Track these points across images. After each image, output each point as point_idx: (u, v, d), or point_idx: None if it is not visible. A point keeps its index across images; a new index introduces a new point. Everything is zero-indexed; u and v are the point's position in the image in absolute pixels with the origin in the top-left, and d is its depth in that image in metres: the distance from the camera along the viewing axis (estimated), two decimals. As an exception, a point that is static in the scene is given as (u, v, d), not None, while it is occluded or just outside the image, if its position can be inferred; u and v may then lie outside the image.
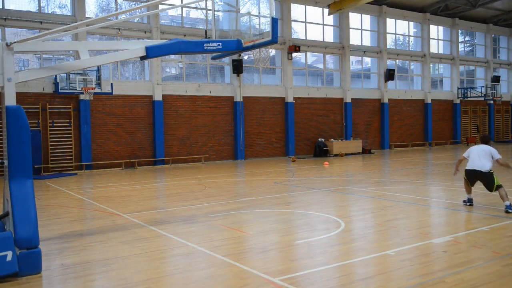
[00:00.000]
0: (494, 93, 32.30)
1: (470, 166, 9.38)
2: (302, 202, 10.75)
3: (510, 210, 8.82)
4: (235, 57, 22.43)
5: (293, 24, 25.65)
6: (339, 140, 26.04)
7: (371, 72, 29.82)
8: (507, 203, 8.89)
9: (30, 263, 5.74)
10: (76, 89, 18.09)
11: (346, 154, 25.50)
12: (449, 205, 10.00)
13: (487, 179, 9.14)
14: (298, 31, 26.41)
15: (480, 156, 9.24)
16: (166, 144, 21.54)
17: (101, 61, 7.71)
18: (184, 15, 23.86)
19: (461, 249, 6.53)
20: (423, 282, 5.22)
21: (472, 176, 9.38)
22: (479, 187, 9.92)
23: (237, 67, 22.84)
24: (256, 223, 8.54)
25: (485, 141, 9.61)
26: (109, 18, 16.36)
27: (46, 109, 18.69)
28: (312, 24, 26.51)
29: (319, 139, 25.73)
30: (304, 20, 26.19)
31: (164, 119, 21.45)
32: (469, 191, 9.66)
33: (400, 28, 30.99)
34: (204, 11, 23.32)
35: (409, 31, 31.60)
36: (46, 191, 13.70)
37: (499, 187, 9.00)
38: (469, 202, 9.71)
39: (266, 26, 8.31)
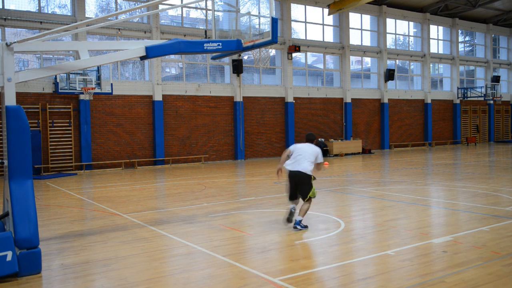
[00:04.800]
0: (494, 93, 32.34)
1: (292, 166, 7.76)
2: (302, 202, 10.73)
3: (298, 227, 7.65)
4: (235, 57, 22.44)
5: (293, 24, 25.65)
6: (339, 140, 26.04)
7: (371, 72, 29.81)
8: (299, 218, 7.69)
9: (30, 263, 5.74)
10: (76, 89, 18.09)
11: (346, 154, 25.51)
12: (449, 205, 10.00)
13: (307, 184, 7.71)
14: (298, 31, 26.41)
15: (304, 155, 7.80)
16: (166, 144, 21.54)
17: (101, 61, 7.71)
18: (184, 15, 23.86)
19: (461, 249, 6.52)
20: (423, 282, 5.22)
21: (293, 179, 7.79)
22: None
23: (237, 67, 22.84)
24: (256, 223, 8.54)
25: (310, 139, 8.15)
26: (109, 18, 16.37)
27: (46, 109, 18.69)
28: (312, 24, 26.51)
29: (319, 139, 25.71)
30: (304, 20, 26.18)
31: (164, 119, 21.45)
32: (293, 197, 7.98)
33: (400, 28, 30.99)
34: (204, 11, 23.32)
35: (409, 31, 31.60)
36: (46, 191, 13.70)
37: (310, 199, 7.75)
38: (291, 215, 7.82)
39: (266, 26, 8.31)
